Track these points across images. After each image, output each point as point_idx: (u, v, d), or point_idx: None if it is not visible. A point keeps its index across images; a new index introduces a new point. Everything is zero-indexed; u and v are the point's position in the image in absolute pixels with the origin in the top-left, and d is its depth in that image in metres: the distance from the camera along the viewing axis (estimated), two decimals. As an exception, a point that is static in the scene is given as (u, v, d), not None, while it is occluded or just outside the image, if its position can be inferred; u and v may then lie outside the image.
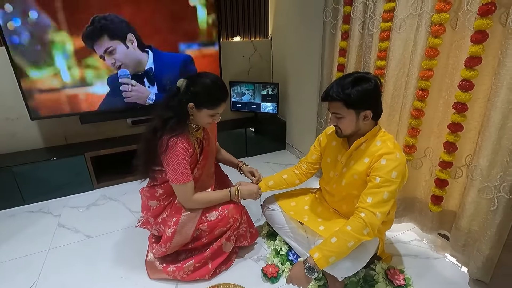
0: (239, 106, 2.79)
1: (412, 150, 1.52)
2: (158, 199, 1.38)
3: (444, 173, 1.36)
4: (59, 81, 2.01)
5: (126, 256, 1.55)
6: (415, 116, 1.45)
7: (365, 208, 1.14)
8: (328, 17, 1.87)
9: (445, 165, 1.34)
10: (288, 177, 1.55)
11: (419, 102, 1.42)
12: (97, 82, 2.10)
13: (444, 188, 1.38)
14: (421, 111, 1.44)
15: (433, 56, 1.32)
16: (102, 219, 1.87)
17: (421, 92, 1.40)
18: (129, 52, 2.04)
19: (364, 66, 1.65)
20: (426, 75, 1.36)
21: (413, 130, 1.48)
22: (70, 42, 1.95)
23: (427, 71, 1.35)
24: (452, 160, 1.33)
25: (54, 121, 2.21)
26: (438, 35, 1.29)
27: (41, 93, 1.99)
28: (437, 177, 1.39)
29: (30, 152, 2.18)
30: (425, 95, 1.40)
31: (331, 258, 1.11)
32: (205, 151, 1.39)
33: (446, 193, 1.39)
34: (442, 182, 1.38)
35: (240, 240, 1.48)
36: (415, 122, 1.46)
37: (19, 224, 1.84)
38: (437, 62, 1.34)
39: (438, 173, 1.38)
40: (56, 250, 1.61)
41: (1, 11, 1.77)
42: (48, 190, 2.09)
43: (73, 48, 1.97)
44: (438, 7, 1.25)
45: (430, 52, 1.31)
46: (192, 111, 1.26)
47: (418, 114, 1.44)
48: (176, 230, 1.31)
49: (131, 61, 2.07)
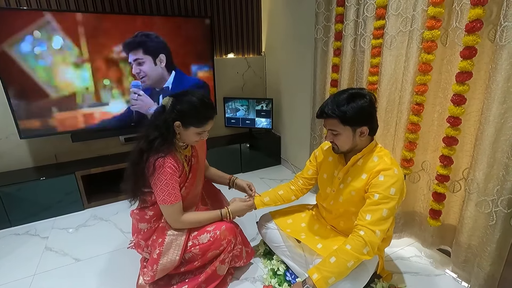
0: (234, 122, 2.78)
1: (410, 164, 1.51)
2: (148, 222, 1.33)
3: (441, 187, 1.34)
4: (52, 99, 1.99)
5: (116, 280, 1.48)
6: (411, 130, 1.45)
7: (364, 226, 1.11)
8: (319, 34, 1.91)
9: (441, 178, 1.33)
10: (284, 193, 1.52)
11: (415, 116, 1.42)
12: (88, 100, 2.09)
13: (442, 202, 1.37)
14: (417, 125, 1.43)
15: (427, 72, 1.34)
16: (92, 241, 1.80)
17: (416, 106, 1.40)
18: (155, 68, 2.17)
19: (357, 81, 1.67)
20: (421, 90, 1.37)
21: (410, 144, 1.47)
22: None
23: (422, 86, 1.36)
24: (448, 174, 1.32)
25: (44, 140, 2.17)
26: (431, 51, 1.31)
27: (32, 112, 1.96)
28: (434, 190, 1.38)
29: (19, 172, 2.12)
30: (421, 109, 1.40)
31: (331, 279, 1.07)
32: (193, 169, 1.36)
33: (444, 207, 1.38)
34: (440, 196, 1.36)
35: (235, 260, 1.43)
36: (412, 136, 1.45)
37: (4, 248, 1.76)
38: (431, 77, 1.35)
39: (435, 187, 1.37)
40: (43, 276, 1.53)
41: None
42: (36, 211, 2.02)
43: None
44: (429, 24, 1.28)
45: (423, 68, 1.33)
46: (178, 130, 1.23)
47: (414, 128, 1.44)
48: (162, 251, 1.26)
49: (154, 76, 2.19)
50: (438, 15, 1.24)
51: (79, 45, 1.97)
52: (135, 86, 2.07)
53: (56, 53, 1.93)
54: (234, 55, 2.76)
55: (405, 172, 1.52)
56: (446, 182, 1.34)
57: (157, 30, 2.16)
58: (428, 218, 1.42)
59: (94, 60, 2.03)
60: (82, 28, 1.95)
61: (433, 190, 1.38)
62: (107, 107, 2.15)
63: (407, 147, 1.49)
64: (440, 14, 1.23)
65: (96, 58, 2.03)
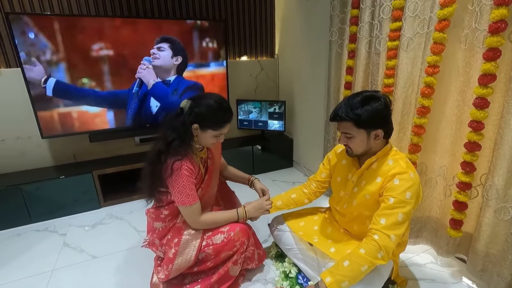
0: (246, 124, 2.80)
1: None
2: (163, 221, 1.35)
3: (463, 195, 1.30)
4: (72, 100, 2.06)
5: (130, 278, 1.51)
6: (415, 133, 1.44)
7: (378, 230, 1.09)
8: (334, 36, 1.90)
9: (463, 186, 1.29)
10: (297, 196, 1.52)
11: (421, 118, 1.41)
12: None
13: (463, 211, 1.33)
14: (422, 128, 1.42)
15: (433, 74, 1.32)
16: (107, 239, 1.85)
17: (422, 109, 1.39)
18: (170, 61, 2.30)
19: (372, 84, 1.65)
20: (426, 92, 1.36)
21: (415, 146, 1.46)
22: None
23: (427, 88, 1.35)
24: (470, 181, 1.28)
25: (64, 140, 2.24)
26: (438, 53, 1.29)
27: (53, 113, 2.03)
28: (455, 199, 1.34)
29: (39, 171, 2.19)
30: (426, 111, 1.39)
31: (344, 283, 1.06)
32: (209, 171, 1.38)
33: (466, 217, 1.33)
34: (461, 205, 1.32)
35: (247, 262, 1.43)
36: (416, 139, 1.44)
37: (24, 243, 1.83)
38: (436, 80, 1.33)
39: (456, 195, 1.33)
40: (60, 271, 1.58)
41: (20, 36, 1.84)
42: (56, 208, 2.08)
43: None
44: (438, 26, 1.26)
45: (430, 70, 1.31)
46: (196, 132, 1.25)
47: (419, 131, 1.43)
48: (178, 251, 1.27)
49: (165, 65, 2.30)
50: (447, 17, 1.22)
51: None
52: (146, 60, 2.22)
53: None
54: (248, 58, 2.78)
55: None
56: (468, 189, 1.30)
57: (174, 34, 2.24)
58: (448, 229, 1.38)
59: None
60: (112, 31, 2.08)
61: (454, 198, 1.34)
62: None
63: (410, 149, 1.48)
64: (450, 15, 1.21)
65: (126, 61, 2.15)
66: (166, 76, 2.32)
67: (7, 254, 1.73)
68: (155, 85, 2.29)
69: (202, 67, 2.42)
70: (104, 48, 2.08)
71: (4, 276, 1.56)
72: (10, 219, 1.98)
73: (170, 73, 2.33)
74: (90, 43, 2.03)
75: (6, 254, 1.73)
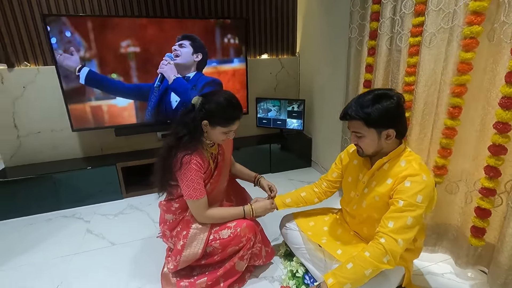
0: (265, 122, 2.80)
1: (442, 171, 1.39)
2: (174, 213, 1.40)
3: (486, 202, 1.21)
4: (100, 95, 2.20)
5: (144, 266, 1.58)
6: (446, 135, 1.34)
7: (385, 234, 1.05)
8: (353, 33, 1.84)
9: (486, 192, 1.20)
10: (307, 195, 1.50)
11: (451, 120, 1.31)
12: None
13: (486, 219, 1.23)
14: (453, 130, 1.32)
15: (465, 71, 1.23)
16: (127, 228, 1.94)
17: (452, 109, 1.30)
18: (190, 57, 2.39)
19: (392, 82, 1.58)
20: (457, 91, 1.26)
21: (444, 150, 1.36)
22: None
23: (458, 87, 1.25)
24: (495, 187, 1.18)
25: (91, 133, 2.39)
26: (470, 49, 1.19)
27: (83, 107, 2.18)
28: (477, 205, 1.25)
29: (69, 161, 2.36)
30: (456, 112, 1.29)
31: (346, 286, 1.03)
32: (219, 167, 1.40)
33: (488, 225, 1.24)
34: (484, 212, 1.22)
35: (254, 259, 1.44)
36: (446, 141, 1.35)
37: (53, 228, 1.98)
38: (471, 78, 1.23)
39: (478, 201, 1.24)
40: (82, 255, 1.70)
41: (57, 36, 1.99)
42: (82, 197, 2.23)
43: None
44: (468, 20, 1.17)
45: (462, 67, 1.22)
46: (206, 128, 1.28)
47: (450, 133, 1.33)
48: (186, 243, 1.31)
49: (185, 62, 2.39)
50: (481, 10, 1.13)
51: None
52: (168, 56, 2.31)
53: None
54: (268, 56, 2.78)
55: (437, 180, 1.40)
56: (492, 196, 1.20)
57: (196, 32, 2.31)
58: (469, 237, 1.29)
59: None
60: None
61: (477, 205, 1.25)
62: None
63: (440, 153, 1.38)
64: (484, 8, 1.12)
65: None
66: (186, 72, 2.40)
67: (36, 236, 1.88)
68: (175, 80, 2.37)
69: (222, 64, 2.46)
70: (131, 45, 2.19)
71: (31, 256, 1.70)
72: (42, 205, 2.15)
73: (190, 69, 2.40)
74: (118, 41, 2.15)
75: (36, 237, 1.88)
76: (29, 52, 2.19)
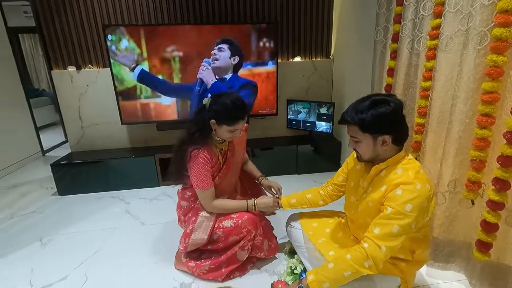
0: (295, 124, 2.85)
1: (476, 186, 1.25)
2: (187, 200, 1.57)
3: (491, 215, 1.12)
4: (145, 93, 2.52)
5: (163, 245, 1.79)
6: (477, 146, 1.19)
7: (370, 239, 1.05)
8: (379, 36, 1.79)
9: (492, 205, 1.11)
10: (312, 197, 1.53)
11: (483, 130, 1.16)
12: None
13: (492, 234, 1.14)
14: (486, 141, 1.18)
15: (497, 76, 1.11)
16: (157, 212, 2.20)
17: (483, 117, 1.17)
18: (228, 61, 2.58)
19: (410, 86, 1.52)
20: (485, 99, 1.14)
21: (477, 163, 1.23)
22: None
23: (487, 95, 1.14)
24: (503, 201, 1.08)
25: (137, 127, 2.74)
26: (502, 52, 1.09)
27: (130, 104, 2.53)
28: (484, 218, 1.15)
29: (119, 150, 2.74)
30: (489, 121, 1.16)
31: (325, 284, 1.07)
32: (228, 162, 1.52)
33: (495, 240, 1.14)
34: (489, 226, 1.13)
35: (256, 251, 1.53)
36: (476, 154, 1.18)
37: (101, 205, 2.34)
38: (502, 84, 1.13)
39: (485, 214, 1.15)
40: (117, 230, 1.99)
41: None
42: (126, 181, 2.58)
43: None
44: (499, 20, 1.06)
45: (492, 72, 1.10)
46: (214, 126, 1.41)
47: (482, 145, 1.17)
48: (194, 228, 1.46)
49: (223, 65, 2.60)
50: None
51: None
52: (206, 62, 2.53)
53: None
54: (301, 59, 2.82)
55: (467, 195, 1.29)
56: (500, 210, 1.10)
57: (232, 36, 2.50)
58: (474, 250, 1.20)
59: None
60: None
61: (483, 218, 1.16)
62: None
63: (474, 167, 1.23)
64: None
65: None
66: (223, 74, 2.58)
67: (86, 211, 2.26)
68: (213, 84, 2.57)
69: (255, 66, 2.59)
70: (175, 50, 2.47)
71: (81, 226, 2.06)
72: (94, 186, 2.54)
73: (228, 71, 2.59)
74: (165, 45, 2.45)
75: (86, 211, 2.25)
76: (92, 56, 2.61)
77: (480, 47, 1.13)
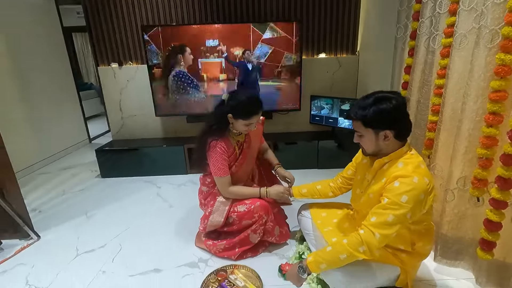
0: (318, 120, 2.90)
1: (481, 184, 1.27)
2: (207, 186, 1.74)
3: (494, 214, 1.12)
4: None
5: (186, 226, 1.99)
6: (484, 145, 1.23)
7: (366, 226, 1.13)
8: (400, 33, 1.80)
9: (495, 203, 1.12)
10: (322, 188, 1.61)
11: (490, 128, 1.20)
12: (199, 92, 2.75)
13: (494, 233, 1.14)
14: (494, 139, 1.21)
15: (505, 75, 1.13)
16: (183, 197, 2.42)
17: (491, 116, 1.19)
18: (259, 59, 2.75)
19: (425, 84, 1.52)
20: (494, 98, 1.16)
21: (485, 161, 1.25)
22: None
23: (496, 93, 1.15)
24: (505, 199, 1.09)
25: (169, 119, 2.98)
26: (510, 51, 1.10)
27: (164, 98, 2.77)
28: (487, 217, 1.16)
29: (152, 139, 3.01)
30: (496, 119, 1.18)
31: (322, 265, 1.16)
32: (244, 153, 1.65)
33: (498, 239, 1.14)
34: (492, 225, 1.14)
35: (267, 235, 1.65)
36: (483, 152, 1.23)
37: (134, 188, 2.61)
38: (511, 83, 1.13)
39: (488, 213, 1.16)
40: (149, 211, 2.23)
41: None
42: (158, 168, 2.83)
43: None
44: (507, 19, 1.08)
45: (501, 70, 1.11)
46: (231, 120, 1.54)
47: (489, 142, 1.22)
48: (212, 211, 1.62)
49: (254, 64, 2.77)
50: None
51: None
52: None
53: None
54: (326, 55, 2.85)
55: (473, 193, 1.30)
56: (503, 209, 1.11)
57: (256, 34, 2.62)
58: (477, 249, 1.21)
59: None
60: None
61: (486, 216, 1.17)
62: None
63: (481, 165, 1.27)
64: None
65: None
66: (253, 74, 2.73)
67: (124, 192, 2.54)
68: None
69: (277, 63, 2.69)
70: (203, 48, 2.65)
71: (118, 205, 2.33)
72: (131, 171, 2.83)
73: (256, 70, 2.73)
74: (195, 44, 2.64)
75: (123, 192, 2.54)
76: (132, 53, 2.89)
77: (491, 46, 1.13)
